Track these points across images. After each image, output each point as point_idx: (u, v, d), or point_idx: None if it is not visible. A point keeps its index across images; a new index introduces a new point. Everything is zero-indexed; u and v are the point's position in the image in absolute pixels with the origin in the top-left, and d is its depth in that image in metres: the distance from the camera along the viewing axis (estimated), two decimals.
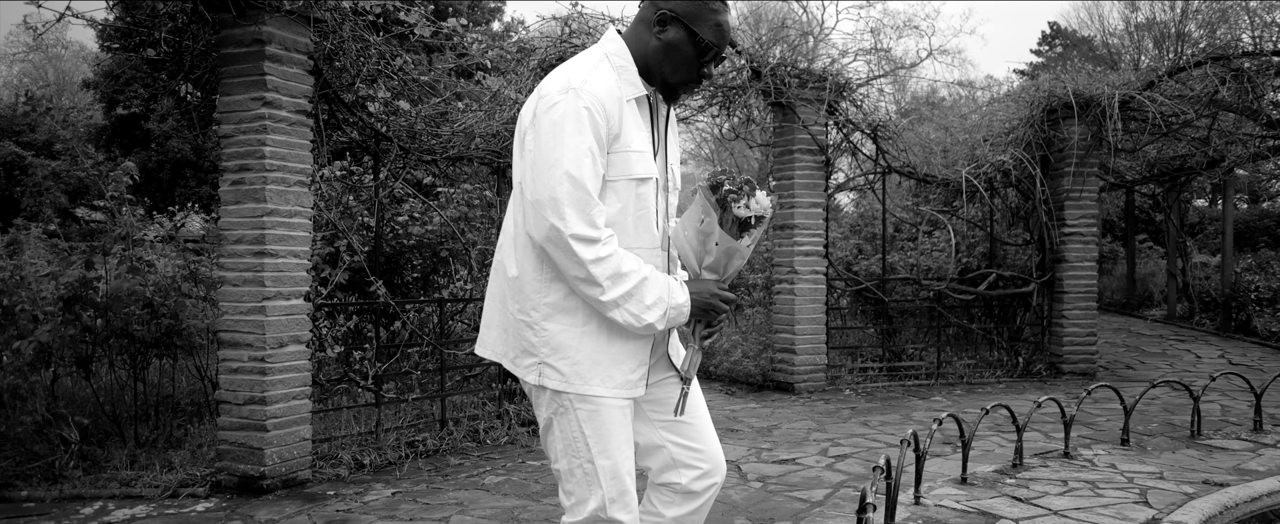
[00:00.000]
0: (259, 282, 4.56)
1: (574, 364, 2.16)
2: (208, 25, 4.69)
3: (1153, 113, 7.89)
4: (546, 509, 4.21)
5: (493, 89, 5.83)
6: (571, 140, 2.05)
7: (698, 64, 2.22)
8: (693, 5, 2.18)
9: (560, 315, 2.16)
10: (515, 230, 2.22)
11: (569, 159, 2.05)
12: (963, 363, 8.33)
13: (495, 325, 2.29)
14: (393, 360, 5.63)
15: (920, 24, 41.65)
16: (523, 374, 2.23)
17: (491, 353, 2.31)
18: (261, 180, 4.56)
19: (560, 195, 2.03)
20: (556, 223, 2.04)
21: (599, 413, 2.18)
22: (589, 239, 2.05)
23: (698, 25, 2.18)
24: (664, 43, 2.19)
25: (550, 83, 2.14)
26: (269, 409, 4.55)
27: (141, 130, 19.14)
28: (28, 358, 4.90)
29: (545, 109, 2.09)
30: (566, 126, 2.05)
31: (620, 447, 2.21)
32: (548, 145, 2.06)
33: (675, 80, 2.24)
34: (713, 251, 2.21)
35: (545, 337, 2.17)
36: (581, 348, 2.16)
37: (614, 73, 2.17)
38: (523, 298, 2.19)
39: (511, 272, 2.21)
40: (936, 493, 4.14)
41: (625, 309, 2.11)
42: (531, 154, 2.09)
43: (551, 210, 2.04)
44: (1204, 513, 3.76)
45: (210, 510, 4.25)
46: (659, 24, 2.19)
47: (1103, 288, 16.75)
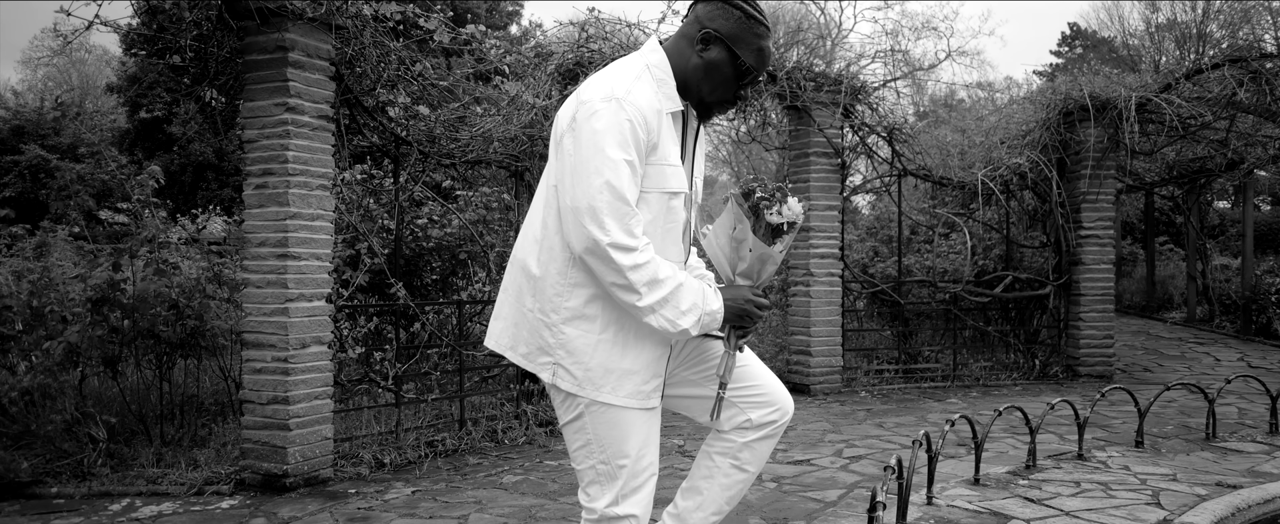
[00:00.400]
0: (282, 283, 4.65)
1: (587, 370, 2.20)
2: (232, 32, 4.79)
3: (1170, 115, 7.88)
4: (563, 508, 4.28)
5: (511, 93, 5.90)
6: (613, 151, 2.08)
7: (735, 85, 2.26)
8: (737, 27, 2.20)
9: (579, 321, 2.20)
10: (543, 231, 2.24)
11: (609, 169, 2.07)
12: (979, 365, 8.34)
13: (507, 318, 2.33)
14: (412, 361, 5.71)
15: (939, 25, 41.59)
16: (536, 371, 2.28)
17: (497, 344, 2.35)
18: (284, 184, 4.65)
19: (599, 204, 2.06)
20: (596, 232, 2.07)
21: (617, 417, 2.23)
22: (627, 247, 2.08)
23: (740, 48, 2.21)
24: (705, 61, 2.22)
25: (592, 89, 2.16)
26: (292, 409, 4.64)
27: (164, 134, 19.35)
28: (57, 358, 5.01)
29: (586, 115, 2.11)
30: (609, 137, 2.08)
31: (638, 447, 2.26)
32: (588, 153, 2.08)
33: (712, 99, 2.28)
34: (746, 258, 2.26)
35: (562, 339, 2.21)
36: (595, 355, 2.20)
37: (655, 85, 2.20)
38: (543, 298, 2.22)
39: (534, 271, 2.24)
40: (949, 493, 4.18)
41: (661, 314, 2.15)
42: (571, 159, 2.11)
43: (590, 218, 2.07)
44: (1216, 514, 3.78)
45: (234, 508, 4.34)
46: (702, 43, 2.22)
47: (1122, 290, 16.70)
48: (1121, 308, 16.04)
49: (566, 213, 2.12)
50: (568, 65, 6.25)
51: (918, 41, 52.11)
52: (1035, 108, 8.52)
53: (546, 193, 2.26)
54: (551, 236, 2.22)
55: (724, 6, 2.22)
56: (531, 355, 2.27)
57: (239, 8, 4.54)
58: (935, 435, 4.14)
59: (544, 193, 2.29)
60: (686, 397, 2.53)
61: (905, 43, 38.51)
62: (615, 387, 2.21)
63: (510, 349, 2.32)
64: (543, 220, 2.26)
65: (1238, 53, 8.15)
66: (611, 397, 2.21)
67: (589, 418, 2.24)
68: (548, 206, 2.25)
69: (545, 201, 2.27)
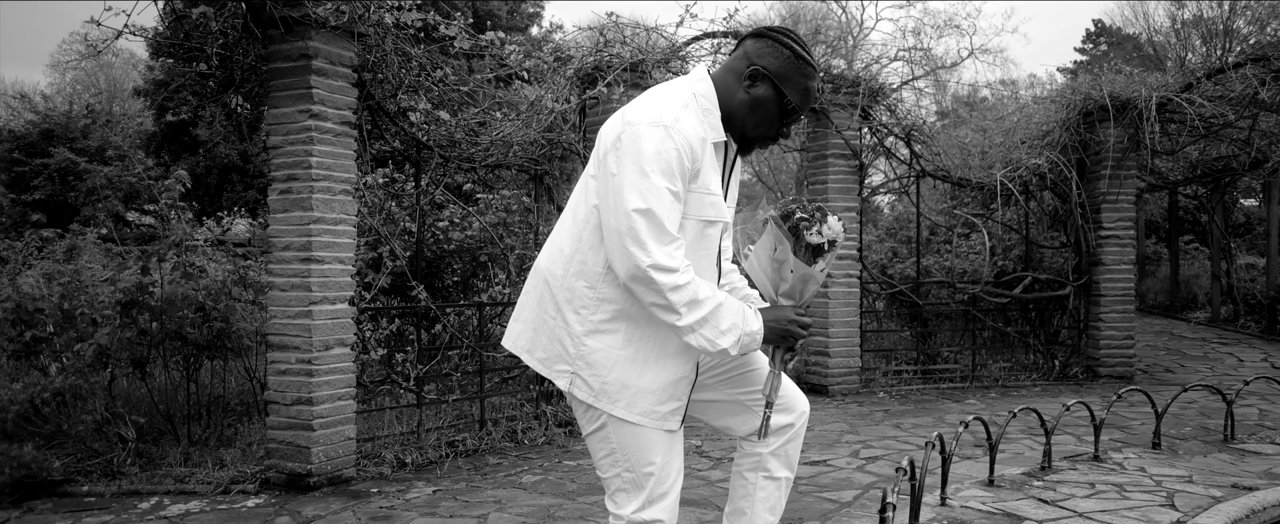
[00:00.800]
0: (306, 287, 4.75)
1: (604, 383, 2.24)
2: (256, 41, 4.88)
3: (1191, 115, 7.85)
4: (582, 508, 4.34)
5: (530, 98, 5.98)
6: (657, 178, 2.11)
7: (779, 122, 2.30)
8: (785, 66, 2.24)
9: (601, 335, 2.24)
10: (574, 245, 2.27)
11: (653, 195, 2.10)
12: (998, 366, 8.34)
13: (527, 322, 2.37)
14: (433, 362, 5.80)
15: (961, 23, 41.38)
16: (553, 378, 2.31)
17: (515, 347, 2.39)
18: (308, 190, 4.74)
19: (639, 227, 2.09)
20: (638, 254, 2.10)
21: (637, 429, 2.27)
22: (668, 268, 2.11)
23: (787, 86, 2.24)
24: (752, 97, 2.25)
25: (640, 111, 2.19)
26: (315, 409, 4.73)
27: (190, 136, 19.62)
28: (87, 359, 5.13)
29: (632, 137, 2.13)
30: (654, 162, 2.10)
31: (664, 456, 2.29)
32: (633, 177, 2.11)
33: (754, 134, 2.32)
34: (788, 278, 2.30)
35: (583, 351, 2.25)
36: (613, 370, 2.24)
37: (700, 114, 2.22)
38: (568, 309, 2.26)
39: (560, 281, 2.28)
40: (963, 494, 4.21)
41: (701, 333, 2.18)
42: (614, 180, 2.13)
43: (632, 240, 2.10)
44: (1230, 516, 3.79)
45: (260, 506, 4.44)
46: (749, 79, 2.25)
47: (1145, 290, 16.59)
48: (1145, 308, 15.96)
49: (609, 234, 2.16)
50: (587, 70, 6.31)
51: (940, 40, 51.87)
52: (1055, 108, 8.50)
53: (581, 207, 2.29)
54: (584, 250, 2.25)
55: (774, 45, 2.26)
56: (549, 362, 2.31)
57: (264, 16, 4.63)
58: (950, 437, 4.17)
59: (576, 206, 2.32)
60: (722, 406, 2.57)
61: (927, 41, 38.34)
62: (630, 402, 2.24)
63: (527, 353, 2.36)
64: (576, 233, 2.28)
65: (1260, 51, 8.11)
66: (625, 412, 2.24)
67: (612, 429, 2.28)
68: (581, 220, 2.28)
69: (578, 215, 2.29)
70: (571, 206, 2.35)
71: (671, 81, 2.32)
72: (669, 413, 2.28)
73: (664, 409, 2.27)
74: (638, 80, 6.35)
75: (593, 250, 2.25)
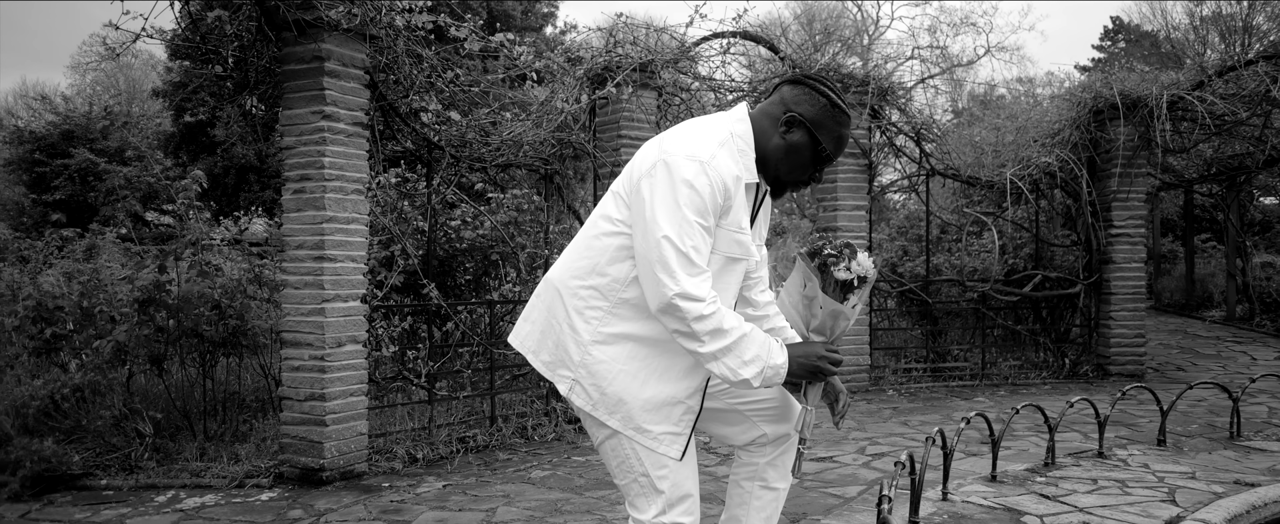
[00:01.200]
0: (319, 285, 4.83)
1: (602, 393, 2.28)
2: (271, 43, 4.98)
3: (1201, 112, 7.85)
4: (589, 502, 4.41)
5: (539, 98, 6.05)
6: (689, 211, 2.15)
7: (812, 168, 2.34)
8: (821, 115, 2.27)
9: (607, 346, 2.28)
10: (593, 257, 2.32)
11: (684, 228, 2.15)
12: (1007, 364, 8.36)
13: (536, 323, 2.41)
14: (444, 360, 5.88)
15: (977, 20, 41.18)
16: (555, 381, 2.36)
17: (521, 346, 2.44)
18: (321, 189, 4.82)
19: (669, 256, 2.14)
20: (666, 281, 2.14)
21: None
22: (695, 297, 2.15)
23: (822, 134, 2.28)
24: (787, 143, 2.28)
25: (677, 143, 2.23)
26: (328, 405, 4.82)
27: (208, 137, 19.79)
28: (106, 356, 5.23)
29: (666, 169, 2.18)
30: (688, 197, 2.15)
31: (676, 462, 2.31)
32: (667, 209, 2.16)
33: (788, 178, 2.36)
34: (818, 315, 2.33)
35: (587, 359, 2.29)
36: (614, 382, 2.28)
37: (736, 154, 2.26)
38: (579, 317, 2.30)
39: (574, 291, 2.32)
40: (965, 490, 4.25)
41: (723, 362, 2.21)
42: (648, 210, 2.18)
43: (661, 269, 2.14)
44: (1230, 512, 3.82)
45: (273, 500, 4.52)
46: (786, 125, 2.28)
47: (1161, 288, 16.53)
48: (1161, 306, 15.90)
49: (640, 261, 2.21)
50: (596, 70, 6.38)
51: (956, 38, 51.69)
52: (1066, 106, 8.51)
53: (602, 222, 2.34)
54: (603, 264, 2.30)
55: (811, 93, 2.30)
56: (553, 365, 2.36)
57: (277, 19, 4.72)
58: (955, 433, 4.21)
59: (597, 220, 2.37)
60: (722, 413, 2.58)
61: (943, 39, 38.16)
62: (626, 417, 2.28)
63: (533, 354, 2.41)
64: (597, 246, 2.33)
65: (1272, 49, 8.10)
66: (620, 425, 2.29)
67: (622, 438, 2.31)
68: (602, 233, 2.33)
69: (599, 228, 2.34)
70: (593, 220, 2.40)
71: (712, 116, 2.37)
72: (662, 434, 2.29)
73: (657, 429, 2.29)
74: (646, 80, 6.41)
75: (613, 264, 2.29)
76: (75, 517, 4.28)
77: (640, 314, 2.28)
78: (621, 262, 2.28)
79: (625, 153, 6.42)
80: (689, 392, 2.33)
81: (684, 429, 2.30)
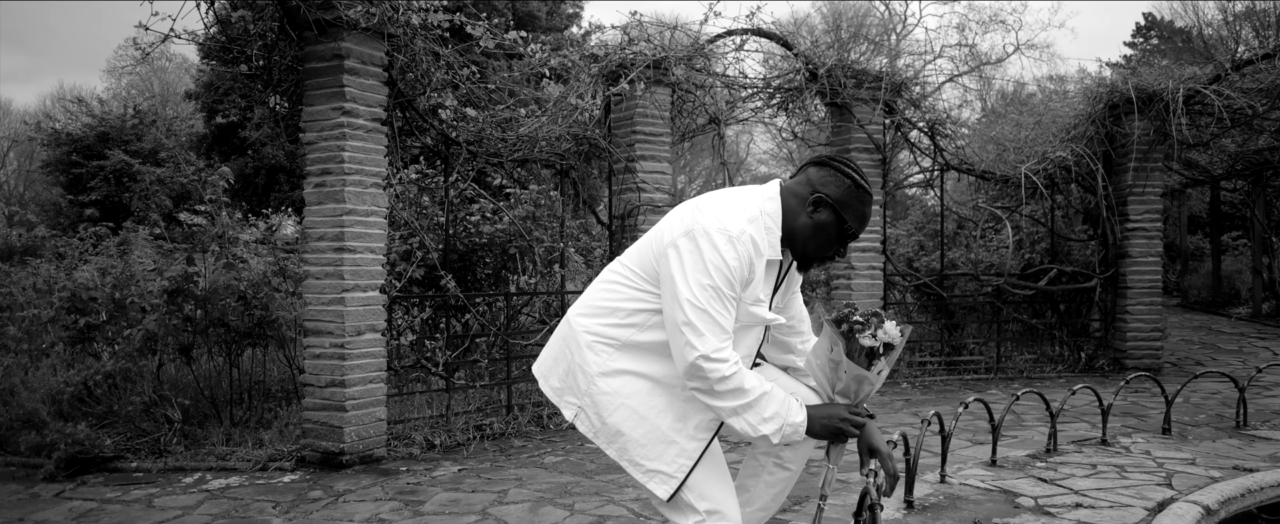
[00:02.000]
0: (339, 275, 5.00)
1: (603, 422, 2.43)
2: (293, 42, 5.15)
3: (1218, 107, 7.85)
4: (598, 484, 4.54)
5: (554, 95, 6.19)
6: (718, 280, 2.30)
7: (837, 244, 2.48)
8: (846, 195, 2.41)
9: (612, 379, 2.43)
10: (613, 299, 2.49)
11: (712, 297, 2.29)
12: (1023, 358, 8.40)
13: (552, 352, 2.60)
14: (462, 350, 6.03)
15: (1007, 18, 40.89)
16: (561, 407, 2.52)
17: (537, 370, 2.63)
18: (341, 183, 5.00)
19: (696, 321, 2.29)
20: (693, 342, 2.29)
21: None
22: (717, 360, 2.29)
23: (846, 212, 2.42)
24: (814, 222, 2.42)
25: (713, 215, 2.36)
26: (348, 392, 4.98)
27: (239, 138, 20.13)
28: (136, 344, 5.43)
29: (698, 239, 2.32)
30: (717, 268, 2.30)
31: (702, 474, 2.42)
32: (696, 276, 2.30)
33: (815, 254, 2.51)
34: (843, 378, 2.43)
35: (592, 390, 2.44)
36: (614, 414, 2.42)
37: (764, 232, 2.40)
38: (590, 352, 2.46)
39: (591, 331, 2.48)
40: (964, 473, 4.34)
41: (743, 418, 2.34)
42: (678, 276, 2.32)
43: (689, 331, 2.29)
44: (1224, 495, 3.88)
45: (295, 481, 4.70)
46: (813, 205, 2.42)
47: (1188, 286, 16.42)
48: (1187, 304, 15.80)
49: (668, 322, 2.36)
50: (611, 67, 6.51)
51: (985, 36, 51.27)
52: (1082, 101, 8.54)
53: (623, 269, 2.51)
54: (619, 302, 2.47)
55: (836, 174, 2.43)
56: (561, 392, 2.53)
57: (299, 19, 4.89)
58: (949, 416, 4.30)
59: (619, 266, 2.54)
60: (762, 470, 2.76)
61: (972, 37, 37.88)
62: (621, 449, 2.42)
63: (544, 379, 2.60)
64: (618, 292, 2.49)
65: None
66: (616, 455, 2.43)
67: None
68: (624, 278, 2.50)
69: (621, 274, 2.51)
70: (616, 266, 2.56)
71: (746, 190, 2.51)
72: (653, 470, 2.39)
73: (649, 465, 2.39)
74: (660, 77, 6.53)
75: (629, 314, 2.46)
76: (107, 495, 4.47)
77: (647, 356, 2.44)
78: (636, 311, 2.45)
79: (640, 148, 6.55)
80: (688, 435, 2.42)
81: (677, 472, 2.39)
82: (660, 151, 6.67)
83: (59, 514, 4.18)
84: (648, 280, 2.46)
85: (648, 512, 4.06)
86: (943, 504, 3.91)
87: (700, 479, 2.40)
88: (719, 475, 2.46)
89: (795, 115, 8.00)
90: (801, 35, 7.71)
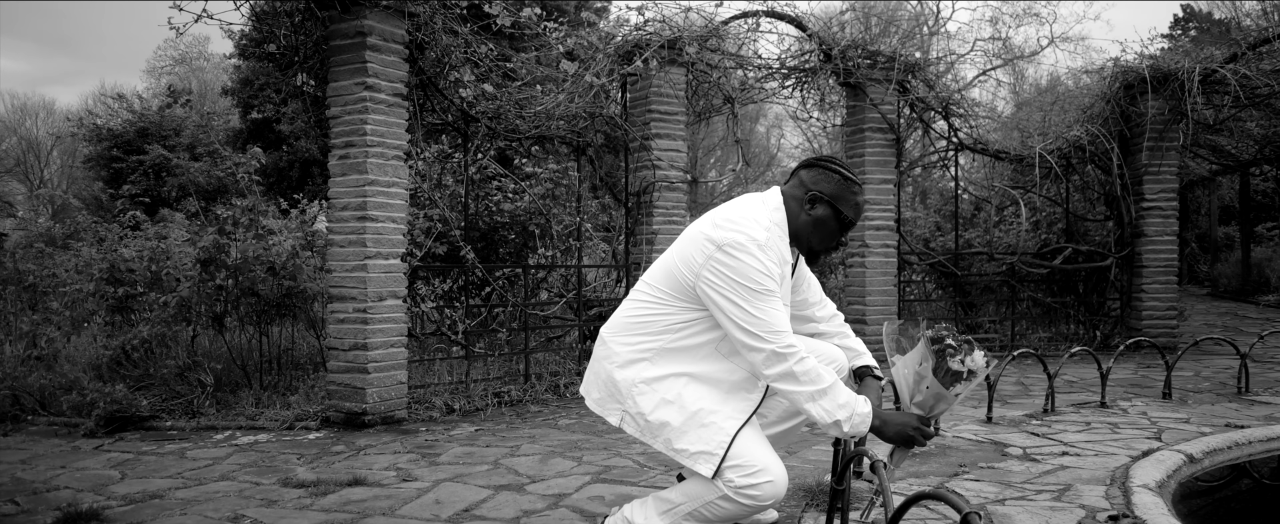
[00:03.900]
0: (362, 243, 5.23)
1: (647, 422, 2.64)
2: (318, 21, 5.39)
3: (1234, 85, 7.88)
4: (608, 441, 4.73)
5: (569, 71, 6.38)
6: (763, 286, 2.51)
7: (839, 235, 2.72)
8: (838, 189, 2.66)
9: (650, 386, 2.64)
10: (644, 313, 2.70)
11: (762, 300, 2.50)
12: (1038, 336, 8.47)
13: (592, 369, 2.81)
14: (480, 319, 6.24)
15: (1041, 11, 40.51)
16: (606, 416, 2.75)
17: (584, 390, 2.84)
18: (363, 155, 5.22)
19: (758, 331, 2.50)
20: (767, 347, 2.50)
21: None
22: (789, 353, 2.50)
23: (842, 205, 2.66)
24: (813, 218, 2.67)
25: (734, 228, 2.56)
26: (370, 355, 5.21)
27: (274, 132, 20.57)
28: (171, 310, 5.70)
29: (731, 255, 2.52)
30: (758, 277, 2.51)
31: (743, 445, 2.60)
32: (742, 295, 2.50)
33: (820, 248, 2.75)
34: (923, 392, 2.61)
35: (633, 394, 2.65)
36: (656, 412, 2.62)
37: (778, 239, 2.63)
38: (629, 367, 2.67)
39: (618, 337, 2.72)
40: (959, 429, 4.47)
41: (820, 404, 2.51)
42: (724, 301, 2.52)
43: (757, 342, 2.50)
44: (1210, 446, 3.99)
45: (319, 438, 4.93)
46: (810, 203, 2.67)
47: (1218, 275, 16.31)
48: (1217, 293, 15.70)
49: (737, 343, 2.56)
50: (626, 48, 6.69)
51: (1019, 29, 50.82)
52: (1096, 81, 8.60)
53: (647, 288, 2.73)
54: (650, 315, 2.69)
55: (825, 172, 2.68)
56: (602, 402, 2.75)
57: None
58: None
59: (647, 290, 2.74)
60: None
61: (1005, 30, 37.61)
62: (666, 442, 2.62)
63: (587, 395, 2.82)
64: (646, 314, 2.70)
65: None
66: (662, 447, 2.63)
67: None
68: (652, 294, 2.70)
69: (649, 292, 2.72)
70: (644, 285, 2.77)
71: (751, 201, 2.71)
72: (697, 453, 2.57)
73: (692, 449, 2.58)
74: (674, 57, 6.71)
75: (661, 316, 2.68)
76: (142, 449, 4.73)
77: (684, 357, 2.66)
78: (669, 326, 2.66)
79: (655, 127, 6.73)
80: (725, 416, 2.61)
81: (717, 448, 2.56)
82: (675, 130, 6.85)
83: (97, 463, 4.43)
84: (676, 296, 2.66)
85: (653, 463, 4.23)
86: (932, 453, 4.06)
87: (740, 448, 2.56)
88: (759, 441, 2.63)
89: (810, 96, 8.13)
90: (814, 16, 7.82)
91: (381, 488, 3.85)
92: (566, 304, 6.89)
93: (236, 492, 3.83)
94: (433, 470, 4.16)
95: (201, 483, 3.98)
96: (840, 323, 3.01)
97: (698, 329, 2.66)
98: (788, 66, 7.78)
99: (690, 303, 2.64)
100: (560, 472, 4.12)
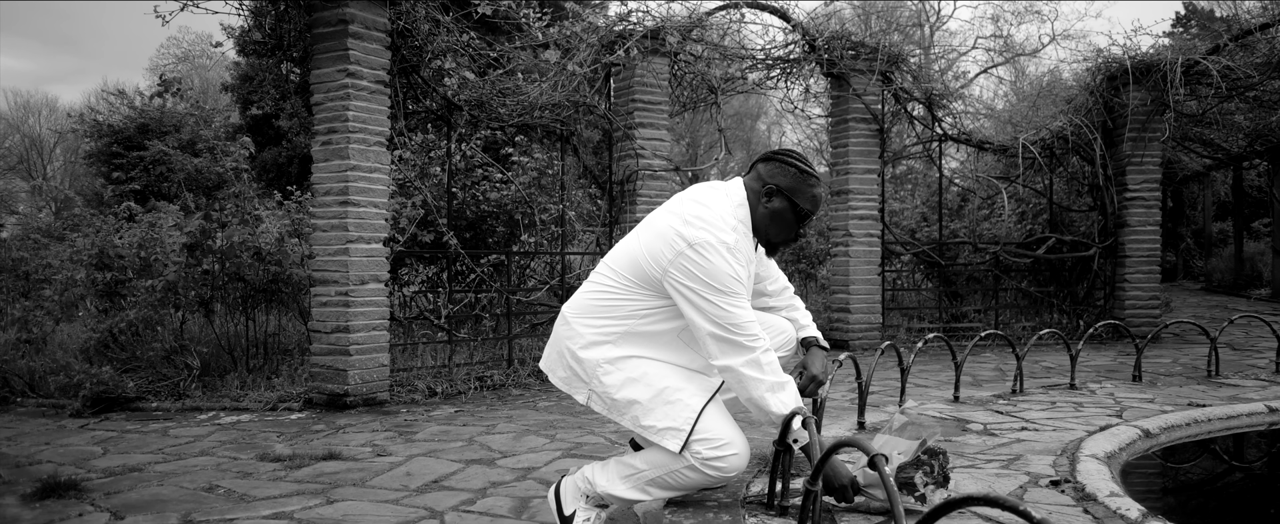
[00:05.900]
0: (344, 227, 5.32)
1: (613, 400, 2.74)
2: (302, 9, 5.48)
3: (1215, 76, 7.94)
4: (582, 421, 4.82)
5: (551, 60, 6.46)
6: (729, 287, 2.61)
7: (796, 226, 2.82)
8: (794, 181, 2.76)
9: (613, 365, 2.74)
10: (602, 297, 2.79)
11: (728, 298, 2.61)
12: (1021, 326, 8.54)
13: (554, 348, 2.90)
14: (463, 303, 6.33)
15: (1042, 9, 40.51)
16: (572, 393, 2.84)
17: (544, 365, 2.95)
18: (345, 140, 5.31)
19: (723, 322, 2.60)
20: (732, 339, 2.61)
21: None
22: (754, 345, 2.62)
23: (798, 197, 2.76)
24: (770, 211, 2.78)
25: (705, 227, 2.65)
26: (352, 337, 5.30)
27: (273, 128, 20.68)
28: (158, 294, 5.79)
29: (701, 252, 2.61)
30: (727, 277, 2.61)
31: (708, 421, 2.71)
32: (713, 292, 2.61)
33: (778, 240, 2.86)
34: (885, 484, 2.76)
35: (598, 374, 2.75)
36: (623, 390, 2.73)
37: (743, 237, 2.75)
38: (590, 348, 2.76)
39: (580, 321, 2.79)
40: (925, 407, 4.55)
41: (778, 397, 2.64)
42: (693, 302, 2.63)
43: (725, 333, 2.62)
44: (1168, 423, 4.06)
45: (301, 418, 5.02)
46: (767, 196, 2.78)
47: (1211, 270, 16.36)
48: (1210, 287, 15.76)
49: (701, 337, 2.66)
50: (610, 37, 6.77)
51: (1020, 26, 50.78)
52: (1079, 71, 8.67)
53: (608, 270, 2.81)
54: (608, 299, 2.77)
55: (782, 166, 2.77)
56: (569, 381, 2.84)
57: None
58: (906, 351, 4.52)
59: (609, 273, 2.83)
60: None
61: (1006, 28, 37.65)
62: (634, 418, 2.71)
63: (551, 372, 2.92)
64: (607, 300, 2.79)
65: None
66: (630, 425, 2.73)
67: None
68: (611, 278, 2.79)
69: (609, 276, 2.81)
70: (605, 268, 2.86)
71: (715, 193, 2.80)
72: (663, 429, 2.67)
73: (660, 425, 2.68)
74: (656, 47, 6.79)
75: (622, 301, 2.77)
76: (126, 428, 4.82)
77: (647, 342, 2.77)
78: (631, 313, 2.75)
79: (639, 116, 6.81)
80: (691, 393, 2.72)
81: (684, 424, 2.67)
82: (658, 119, 6.93)
83: (81, 440, 4.52)
84: (640, 285, 2.75)
85: (623, 441, 4.31)
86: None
87: (706, 424, 2.66)
88: (724, 416, 2.75)
89: (795, 87, 8.21)
90: (801, 9, 7.91)
91: (355, 462, 3.94)
92: (551, 291, 6.97)
93: (214, 465, 3.92)
94: (408, 447, 4.25)
95: (181, 458, 4.07)
96: (790, 296, 3.12)
97: (661, 317, 2.76)
98: (773, 57, 7.86)
99: (654, 292, 2.74)
100: (532, 448, 4.21)
